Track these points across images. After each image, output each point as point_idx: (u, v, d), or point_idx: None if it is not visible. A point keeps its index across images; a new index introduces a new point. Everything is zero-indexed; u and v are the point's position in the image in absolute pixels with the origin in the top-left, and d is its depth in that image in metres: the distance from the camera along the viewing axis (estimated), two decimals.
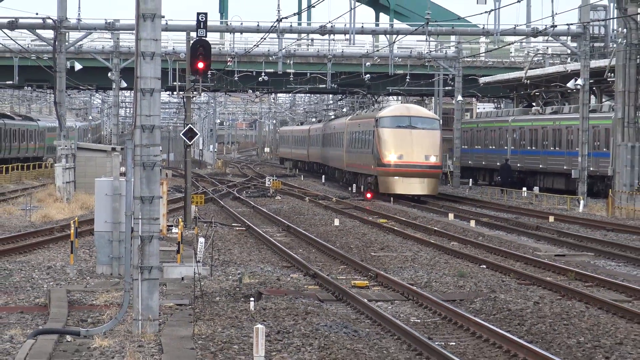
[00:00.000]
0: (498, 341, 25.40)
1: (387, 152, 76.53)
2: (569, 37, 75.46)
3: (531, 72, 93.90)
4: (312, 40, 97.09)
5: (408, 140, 77.20)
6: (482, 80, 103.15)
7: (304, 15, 79.58)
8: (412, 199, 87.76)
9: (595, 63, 74.83)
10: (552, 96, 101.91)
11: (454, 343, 25.62)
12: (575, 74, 78.25)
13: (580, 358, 24.00)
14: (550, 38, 78.94)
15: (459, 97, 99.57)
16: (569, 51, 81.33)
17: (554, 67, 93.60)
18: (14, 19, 74.29)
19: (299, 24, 79.43)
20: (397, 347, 25.01)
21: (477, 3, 59.56)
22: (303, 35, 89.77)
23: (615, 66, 65.59)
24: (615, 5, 65.71)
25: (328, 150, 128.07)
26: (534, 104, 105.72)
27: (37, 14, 76.13)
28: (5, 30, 72.95)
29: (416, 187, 75.52)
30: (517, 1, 65.52)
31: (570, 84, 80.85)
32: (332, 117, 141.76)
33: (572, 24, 73.55)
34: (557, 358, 23.11)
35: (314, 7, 75.54)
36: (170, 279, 33.27)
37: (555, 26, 74.38)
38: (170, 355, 23.19)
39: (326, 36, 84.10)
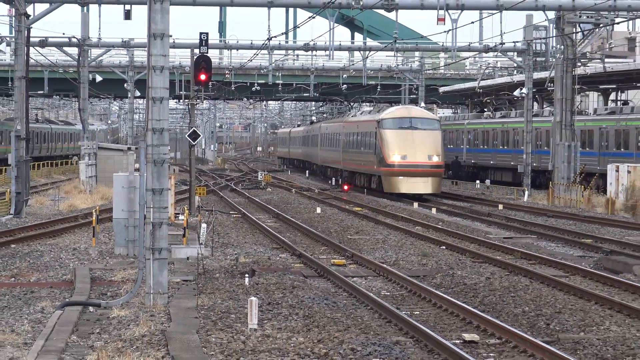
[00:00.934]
0: (455, 310, 25.52)
1: (391, 153, 68.24)
2: (515, 53, 75.27)
3: (483, 83, 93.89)
4: (298, 55, 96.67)
5: (411, 141, 68.85)
6: (441, 89, 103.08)
7: (291, 34, 79.22)
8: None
9: (537, 75, 74.89)
10: (501, 103, 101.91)
11: (418, 312, 25.69)
12: (521, 84, 78.29)
13: (524, 324, 24.08)
14: (499, 53, 78.80)
15: (422, 104, 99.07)
16: (515, 65, 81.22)
17: (503, 78, 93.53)
18: (44, 38, 74.08)
19: (286, 42, 79.09)
20: (370, 316, 25.07)
21: (437, 24, 59.30)
22: (290, 51, 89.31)
23: (554, 77, 65.66)
24: (554, 25, 65.68)
25: (317, 150, 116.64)
26: (485, 109, 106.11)
27: (63, 34, 75.98)
28: (37, 48, 72.64)
29: (420, 186, 67.22)
30: (471, 22, 65.74)
31: (516, 93, 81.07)
32: (325, 119, 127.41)
33: (517, 42, 73.47)
34: (505, 324, 23.23)
35: (299, 27, 74.95)
36: (177, 258, 33.25)
37: (504, 43, 74.16)
38: (177, 323, 23.19)
39: (309, 52, 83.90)
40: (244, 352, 20.28)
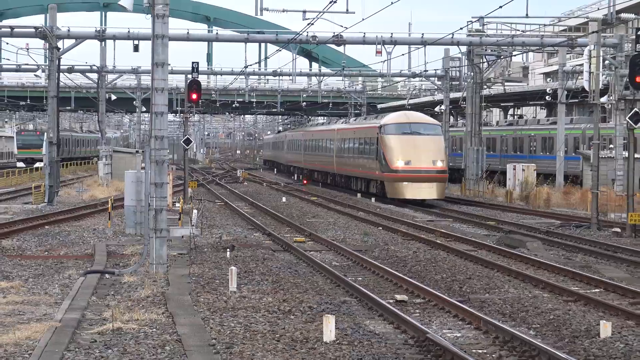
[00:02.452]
0: (389, 277, 25.54)
1: (395, 159, 54.93)
2: (436, 78, 75.28)
3: (412, 101, 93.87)
4: (268, 80, 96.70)
5: (415, 146, 55.59)
6: (379, 106, 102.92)
7: (263, 63, 79.26)
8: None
9: (453, 95, 74.86)
10: None
11: (360, 278, 25.70)
12: (440, 102, 78.39)
13: (443, 288, 24.13)
14: (423, 78, 78.84)
15: (364, 118, 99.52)
16: (436, 87, 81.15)
17: (426, 98, 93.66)
18: (71, 66, 73.90)
19: (259, 69, 79.12)
20: (323, 281, 25.05)
21: (376, 55, 59.47)
22: (262, 77, 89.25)
23: (466, 97, 65.78)
24: (466, 57, 65.82)
25: (284, 153, 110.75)
26: None
27: (86, 63, 75.83)
28: (66, 74, 72.30)
29: (425, 191, 54.70)
30: (402, 54, 66.16)
31: (437, 109, 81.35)
32: (317, 123, 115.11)
33: (437, 69, 73.57)
34: (427, 287, 23.25)
35: (268, 58, 75.38)
36: (174, 237, 33.15)
37: (427, 71, 74.47)
38: (174, 287, 23.14)
39: (277, 77, 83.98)
40: (226, 310, 20.24)
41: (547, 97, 70.88)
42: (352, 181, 65.84)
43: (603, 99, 49.81)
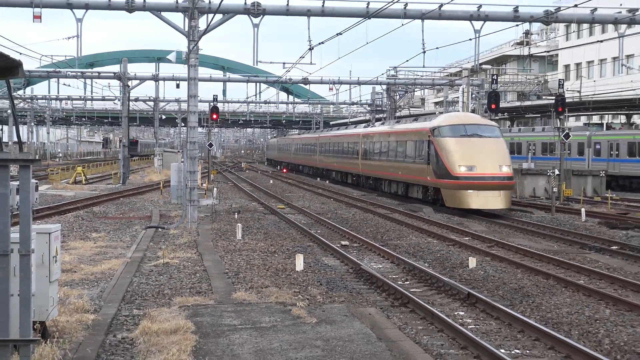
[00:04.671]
0: (338, 230, 25.51)
1: (456, 164, 33.34)
2: (367, 105, 75.00)
3: (352, 120, 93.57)
4: (261, 106, 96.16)
5: (478, 150, 34.03)
6: (331, 123, 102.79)
7: (258, 96, 78.99)
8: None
9: (378, 115, 74.88)
10: None
11: (320, 231, 25.67)
12: (369, 120, 78.44)
13: (370, 237, 24.14)
14: (359, 105, 78.71)
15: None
16: (367, 110, 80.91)
17: (361, 117, 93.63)
18: (136, 97, 73.50)
19: (256, 99, 78.78)
20: (296, 232, 25.03)
21: (329, 90, 60.22)
22: (257, 104, 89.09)
23: (386, 117, 65.74)
24: (386, 91, 65.74)
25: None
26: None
27: (146, 95, 75.57)
28: (132, 102, 71.67)
29: (493, 200, 32.92)
30: (345, 90, 66.35)
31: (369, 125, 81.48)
32: (333, 127, 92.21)
33: (368, 100, 73.37)
34: (361, 237, 23.29)
35: (261, 92, 75.29)
36: (202, 205, 33.00)
37: (361, 100, 74.46)
38: (202, 236, 23.11)
39: (267, 104, 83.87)
40: (234, 251, 20.26)
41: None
42: (382, 183, 44.20)
43: None
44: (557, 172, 35.91)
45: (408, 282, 16.63)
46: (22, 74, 6.94)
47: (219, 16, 25.93)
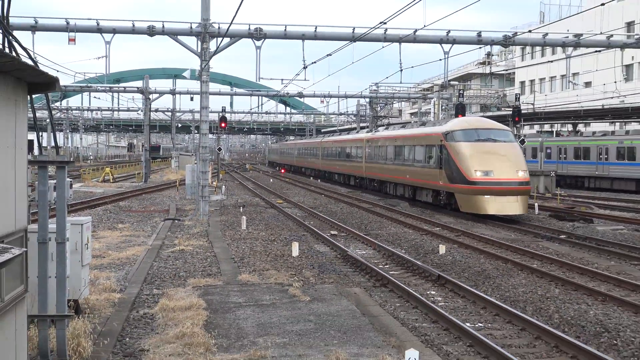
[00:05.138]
0: (328, 221, 25.46)
1: (472, 169, 26.70)
2: (353, 115, 74.85)
3: (340, 128, 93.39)
4: (262, 116, 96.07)
5: (494, 155, 27.31)
6: (322, 130, 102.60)
7: (260, 107, 78.81)
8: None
9: (362, 124, 74.88)
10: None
11: (312, 222, 25.65)
12: (354, 128, 78.28)
13: (356, 227, 24.12)
14: (346, 115, 78.64)
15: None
16: (353, 120, 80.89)
17: (348, 126, 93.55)
18: (156, 109, 73.23)
19: (258, 110, 78.62)
20: (292, 223, 24.98)
21: (320, 103, 59.95)
22: (259, 114, 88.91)
23: (368, 125, 65.68)
24: (369, 104, 65.67)
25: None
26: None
27: (164, 107, 75.35)
28: (153, 112, 71.50)
29: (510, 206, 25.99)
30: (334, 103, 66.44)
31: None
32: (334, 133, 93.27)
33: (353, 111, 73.27)
34: (348, 227, 23.24)
35: (263, 104, 75.10)
36: (212, 200, 33.03)
37: (348, 111, 74.46)
38: (212, 227, 23.05)
39: (267, 115, 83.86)
40: (240, 239, 20.20)
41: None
42: (387, 185, 38.53)
43: None
44: None
45: (387, 266, 16.63)
46: (59, 88, 6.92)
47: (226, 39, 25.89)
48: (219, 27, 25.85)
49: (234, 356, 8.67)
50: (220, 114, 48.14)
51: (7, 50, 6.90)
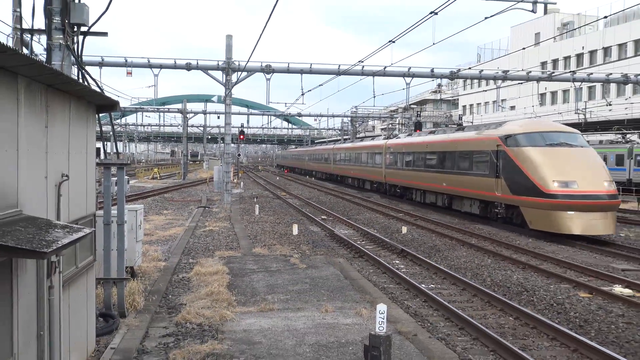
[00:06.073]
0: (320, 209, 25.32)
1: (549, 179, 13.21)
2: (339, 130, 74.37)
3: (329, 139, 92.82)
4: (271, 130, 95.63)
5: (573, 162, 13.40)
6: (316, 141, 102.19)
7: (269, 124, 78.65)
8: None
9: (345, 136, 74.25)
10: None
11: (308, 209, 25.52)
12: (339, 140, 77.64)
13: (342, 214, 24.03)
14: (335, 130, 78.30)
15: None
16: (338, 134, 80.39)
17: (336, 138, 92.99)
18: (192, 124, 72.81)
19: (268, 126, 78.40)
20: (293, 211, 24.82)
21: (314, 121, 59.89)
22: (269, 129, 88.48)
23: (350, 137, 65.09)
24: (350, 121, 65.24)
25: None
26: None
27: (198, 123, 74.90)
28: (189, 128, 71.12)
29: (598, 224, 12.33)
30: (325, 120, 65.94)
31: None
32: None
33: (338, 127, 72.94)
34: (335, 213, 23.10)
35: (271, 122, 74.96)
36: (233, 193, 32.91)
37: (335, 127, 74.12)
38: (233, 213, 22.90)
39: (274, 129, 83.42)
40: (254, 222, 20.10)
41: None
42: (412, 192, 28.18)
43: None
44: None
45: (364, 242, 16.63)
46: (119, 109, 6.95)
47: (244, 73, 25.84)
48: (238, 64, 25.82)
49: (250, 309, 8.71)
50: (240, 128, 48.13)
51: (81, 80, 6.95)
